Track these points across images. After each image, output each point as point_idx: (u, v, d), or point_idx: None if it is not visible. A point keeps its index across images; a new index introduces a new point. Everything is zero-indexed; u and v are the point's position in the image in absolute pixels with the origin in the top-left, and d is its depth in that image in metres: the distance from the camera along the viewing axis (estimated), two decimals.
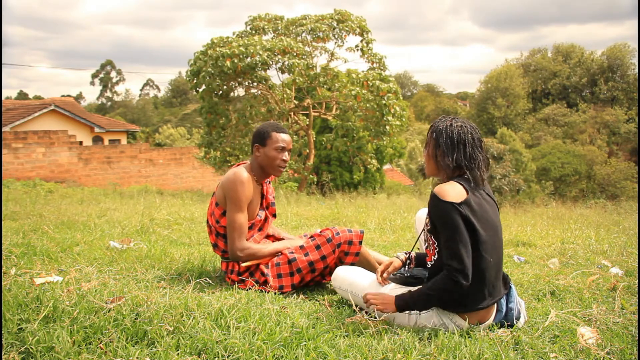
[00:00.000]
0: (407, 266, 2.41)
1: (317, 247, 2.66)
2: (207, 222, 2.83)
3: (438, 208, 2.05)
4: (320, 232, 2.73)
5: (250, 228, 2.76)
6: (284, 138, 2.74)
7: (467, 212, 2.01)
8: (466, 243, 2.01)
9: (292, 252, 2.68)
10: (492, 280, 2.11)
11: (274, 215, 2.98)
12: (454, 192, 2.03)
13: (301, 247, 2.70)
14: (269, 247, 2.73)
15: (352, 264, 2.69)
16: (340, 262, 2.70)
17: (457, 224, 2.00)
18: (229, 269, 2.76)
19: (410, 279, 2.28)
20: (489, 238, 2.07)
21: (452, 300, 2.10)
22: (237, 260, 2.68)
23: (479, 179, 2.12)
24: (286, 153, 2.76)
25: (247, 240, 2.72)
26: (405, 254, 2.46)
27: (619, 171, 30.04)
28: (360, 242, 2.69)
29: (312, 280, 2.76)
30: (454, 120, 2.18)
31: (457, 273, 2.00)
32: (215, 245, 2.81)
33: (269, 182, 2.93)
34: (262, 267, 2.69)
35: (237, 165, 2.85)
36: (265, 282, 2.66)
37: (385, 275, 2.36)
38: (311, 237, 2.74)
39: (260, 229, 2.83)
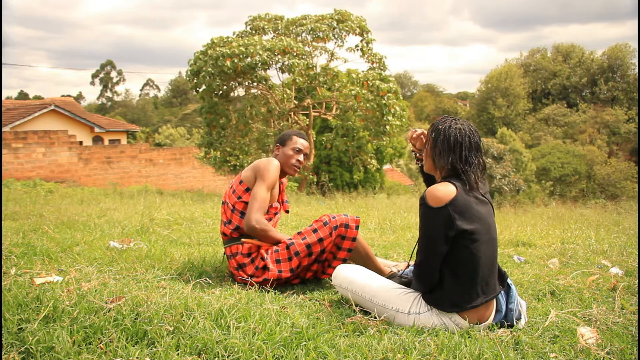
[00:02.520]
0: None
1: (314, 230, 2.72)
2: (224, 203, 2.93)
3: (422, 210, 2.12)
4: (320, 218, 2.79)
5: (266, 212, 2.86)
6: (302, 142, 3.01)
7: (452, 212, 2.03)
8: (429, 254, 2.10)
9: (290, 238, 2.76)
10: (484, 278, 2.11)
11: (287, 212, 3.15)
12: (442, 194, 2.05)
13: (299, 232, 2.77)
14: (279, 234, 2.79)
15: (349, 251, 2.72)
16: (337, 248, 2.74)
17: (433, 234, 2.07)
18: (233, 252, 2.82)
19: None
20: (480, 236, 2.08)
21: (443, 300, 2.11)
22: (250, 230, 2.74)
23: (474, 183, 2.13)
24: (302, 156, 3.00)
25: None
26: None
27: (619, 171, 30.03)
28: (357, 227, 2.73)
29: (309, 267, 2.79)
30: (454, 121, 2.18)
31: (415, 277, 2.19)
32: (228, 222, 2.85)
33: (283, 184, 3.10)
34: (262, 252, 2.75)
35: None
36: (265, 267, 2.71)
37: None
38: (310, 225, 2.81)
39: (271, 219, 2.94)
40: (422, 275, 2.16)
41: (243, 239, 2.79)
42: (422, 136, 2.42)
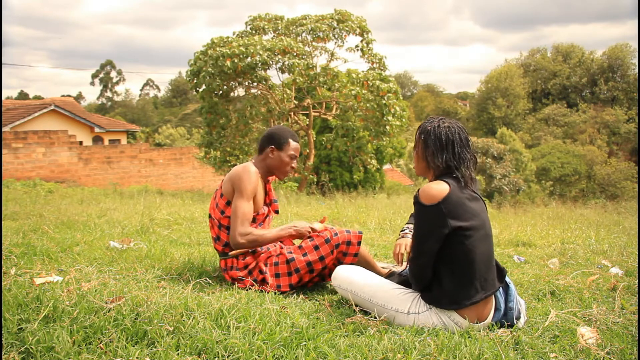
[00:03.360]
0: None
1: (316, 247, 2.67)
2: (210, 216, 2.85)
3: (415, 208, 2.14)
4: (319, 232, 2.73)
5: (253, 221, 2.78)
6: (297, 147, 2.87)
7: (445, 210, 2.04)
8: (422, 252, 2.12)
9: (291, 252, 2.70)
10: (482, 274, 2.12)
11: (277, 212, 3.03)
12: (435, 192, 2.06)
13: (299, 247, 2.71)
14: (272, 232, 2.71)
15: (351, 264, 2.69)
16: (339, 262, 2.70)
17: (426, 232, 2.09)
18: (228, 266, 2.76)
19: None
20: (475, 232, 2.09)
21: (442, 297, 2.12)
22: (239, 247, 2.67)
23: (468, 178, 2.14)
24: (295, 161, 2.88)
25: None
26: (407, 230, 2.64)
27: (619, 171, 30.02)
28: (359, 243, 2.69)
29: (310, 280, 2.76)
30: (441, 121, 2.20)
31: (410, 273, 2.21)
32: (217, 239, 2.80)
33: (270, 182, 2.98)
34: (261, 264, 2.69)
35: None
36: (264, 281, 2.67)
37: (404, 255, 2.53)
38: (309, 237, 2.74)
39: (260, 224, 2.86)
40: (415, 272, 2.18)
41: (231, 252, 2.72)
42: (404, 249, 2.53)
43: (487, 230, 2.17)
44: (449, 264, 2.10)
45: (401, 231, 2.67)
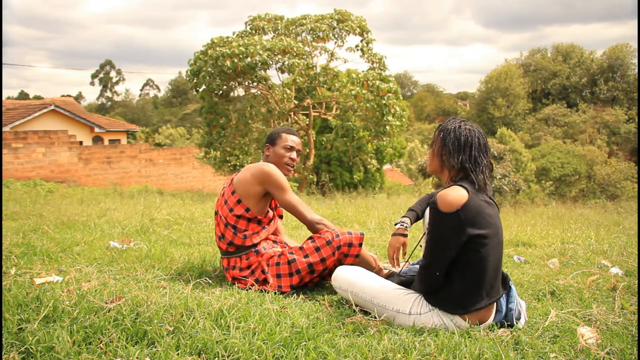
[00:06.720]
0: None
1: (317, 249, 2.67)
2: (216, 213, 2.84)
3: (432, 215, 2.10)
4: (320, 233, 2.73)
5: (258, 223, 2.78)
6: (293, 139, 2.90)
7: (464, 218, 2.01)
8: (438, 259, 2.09)
9: (292, 253, 2.70)
10: (490, 281, 2.11)
11: (281, 217, 3.06)
12: (453, 199, 2.02)
13: (301, 248, 2.71)
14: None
15: (351, 265, 2.69)
16: (340, 263, 2.70)
17: (442, 239, 2.06)
18: (230, 265, 2.77)
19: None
20: (490, 240, 2.07)
21: (448, 301, 2.11)
22: (316, 231, 2.74)
23: (482, 183, 2.12)
24: (294, 153, 2.89)
25: (260, 233, 2.78)
26: (403, 225, 2.61)
27: (619, 171, 29.99)
28: (360, 244, 2.69)
29: (310, 281, 2.77)
30: (462, 122, 2.19)
31: (420, 278, 2.18)
32: (221, 237, 2.79)
33: None
34: (264, 264, 2.70)
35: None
36: (265, 281, 2.68)
37: (400, 258, 2.55)
38: (311, 238, 2.73)
39: (265, 227, 2.84)
40: (427, 278, 2.15)
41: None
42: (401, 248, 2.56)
43: (500, 238, 2.15)
44: (461, 269, 2.09)
45: (395, 225, 2.64)
